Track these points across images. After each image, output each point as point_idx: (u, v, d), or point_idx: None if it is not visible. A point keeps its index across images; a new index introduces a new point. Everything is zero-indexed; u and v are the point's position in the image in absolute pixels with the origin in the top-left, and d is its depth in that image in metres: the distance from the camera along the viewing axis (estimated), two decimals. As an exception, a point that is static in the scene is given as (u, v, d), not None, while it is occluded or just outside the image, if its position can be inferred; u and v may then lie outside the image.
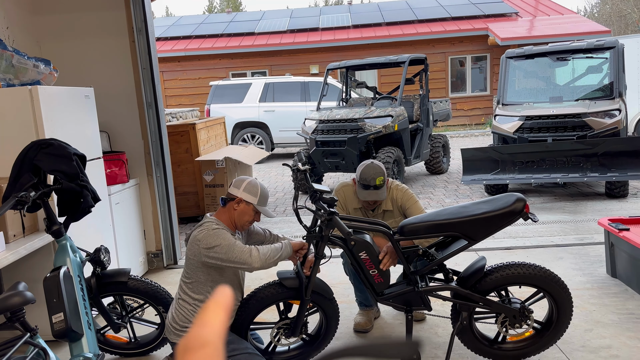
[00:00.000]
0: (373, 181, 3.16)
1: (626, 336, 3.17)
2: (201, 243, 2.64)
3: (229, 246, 2.62)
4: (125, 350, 3.30)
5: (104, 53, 4.68)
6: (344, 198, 3.41)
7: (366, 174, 3.18)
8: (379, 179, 3.17)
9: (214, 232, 2.66)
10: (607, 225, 4.02)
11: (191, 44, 17.35)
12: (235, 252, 2.63)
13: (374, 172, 3.18)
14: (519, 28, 16.29)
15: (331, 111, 8.25)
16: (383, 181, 3.20)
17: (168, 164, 5.00)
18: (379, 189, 3.19)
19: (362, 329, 3.46)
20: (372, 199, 3.20)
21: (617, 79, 7.22)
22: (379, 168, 3.22)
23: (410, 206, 3.34)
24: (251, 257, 2.64)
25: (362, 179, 3.19)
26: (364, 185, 3.19)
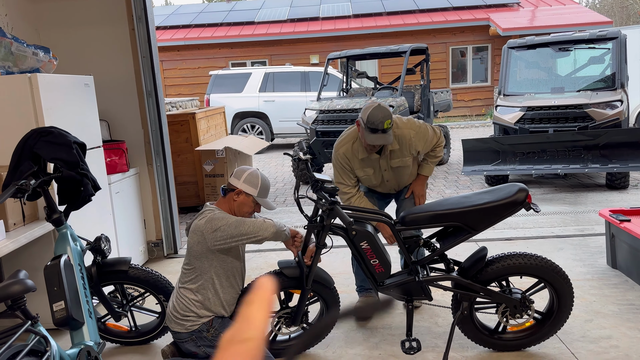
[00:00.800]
0: (381, 125, 3.03)
1: (626, 327, 3.18)
2: (205, 228, 2.63)
3: (237, 221, 2.65)
4: (126, 338, 3.30)
5: (104, 41, 4.64)
6: (347, 159, 3.30)
7: (374, 117, 3.03)
8: (387, 122, 3.04)
9: (215, 215, 2.66)
10: (608, 216, 4.01)
11: (190, 33, 17.25)
12: (247, 224, 2.65)
13: (382, 115, 3.04)
14: (521, 18, 16.20)
15: (332, 101, 8.22)
16: (391, 124, 3.08)
17: (168, 154, 4.98)
18: (386, 132, 3.07)
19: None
20: (379, 143, 3.08)
21: (619, 69, 7.19)
22: (387, 110, 3.08)
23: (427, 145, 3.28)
24: (265, 223, 2.67)
25: (370, 122, 3.05)
26: (371, 129, 3.05)
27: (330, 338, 3.25)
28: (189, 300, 2.72)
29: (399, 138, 3.24)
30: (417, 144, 3.27)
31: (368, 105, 3.11)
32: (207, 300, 2.73)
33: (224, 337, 0.50)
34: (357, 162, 3.31)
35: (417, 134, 3.26)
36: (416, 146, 3.28)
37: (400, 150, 3.27)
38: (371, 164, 3.32)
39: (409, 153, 3.29)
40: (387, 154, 3.28)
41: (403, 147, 3.27)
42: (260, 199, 2.75)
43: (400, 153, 3.28)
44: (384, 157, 3.29)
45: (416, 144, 3.27)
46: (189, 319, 2.71)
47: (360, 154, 3.28)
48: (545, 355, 2.93)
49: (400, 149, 3.27)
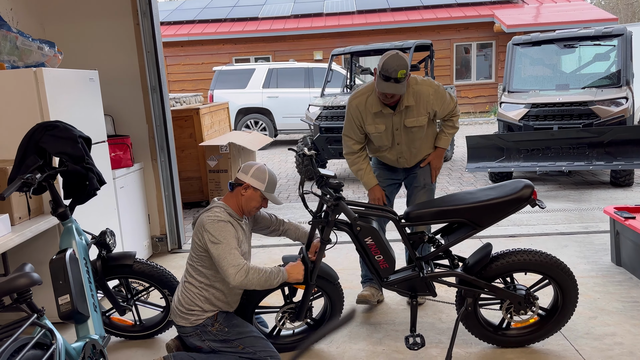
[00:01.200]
0: (395, 73, 2.97)
1: (630, 324, 3.18)
2: (207, 230, 2.62)
3: (227, 251, 2.58)
4: (131, 332, 3.31)
5: (109, 36, 4.64)
6: (359, 111, 3.26)
7: (389, 65, 2.98)
8: (401, 72, 2.98)
9: (222, 226, 2.63)
10: (612, 213, 4.00)
11: (194, 28, 17.24)
12: (226, 260, 2.57)
13: (397, 63, 2.98)
14: (525, 15, 16.13)
15: (335, 97, 8.20)
16: (405, 74, 3.00)
17: (172, 149, 4.98)
18: (399, 82, 3.01)
19: (365, 300, 3.47)
20: (389, 91, 3.03)
21: (625, 66, 7.15)
22: (403, 60, 3.02)
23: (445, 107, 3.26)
24: (235, 275, 2.56)
25: (384, 70, 3.00)
26: (384, 76, 3.01)
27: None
28: (193, 295, 2.73)
29: (416, 95, 3.19)
30: (434, 103, 3.23)
31: (386, 52, 3.08)
32: (212, 295, 2.73)
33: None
34: (370, 116, 3.26)
35: (436, 92, 3.23)
36: (433, 105, 3.23)
37: (417, 107, 3.21)
38: (384, 119, 3.26)
39: (425, 112, 3.23)
40: (402, 110, 3.21)
41: (420, 105, 3.21)
42: (267, 193, 2.75)
43: (416, 111, 3.22)
44: (398, 113, 3.23)
45: (433, 102, 3.22)
46: (194, 313, 2.72)
47: (374, 107, 3.23)
48: (549, 352, 2.93)
49: (416, 106, 3.21)
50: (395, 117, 3.24)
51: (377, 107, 3.22)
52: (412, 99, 3.20)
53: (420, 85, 3.21)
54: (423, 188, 3.48)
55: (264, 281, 2.64)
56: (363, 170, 3.41)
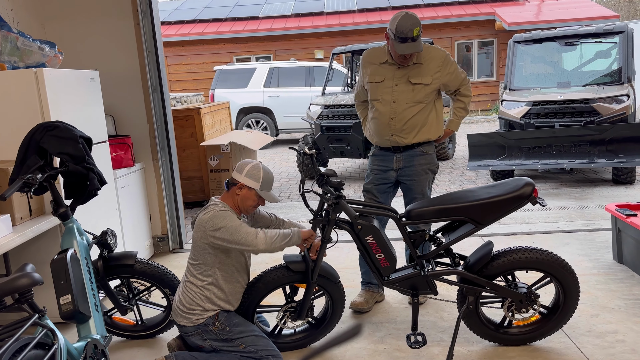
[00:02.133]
0: (410, 32, 3.01)
1: (632, 321, 3.17)
2: (207, 224, 2.64)
3: (235, 227, 2.62)
4: (132, 332, 3.32)
5: (109, 36, 4.64)
6: (366, 60, 3.37)
7: (403, 26, 3.01)
8: (416, 30, 3.02)
9: (219, 213, 2.65)
10: (614, 210, 4.00)
11: (195, 28, 17.25)
12: (241, 234, 2.62)
13: (410, 22, 3.02)
14: (527, 12, 16.10)
15: (336, 96, 8.20)
16: (420, 31, 3.05)
17: (173, 148, 4.98)
18: (416, 41, 3.06)
19: (357, 309, 3.47)
20: (410, 51, 3.07)
21: (626, 64, 7.13)
22: (415, 18, 3.06)
23: (454, 77, 3.30)
24: (257, 238, 2.63)
25: (399, 32, 3.02)
26: (401, 38, 3.03)
27: (336, 332, 3.25)
28: (195, 294, 2.73)
29: (427, 56, 3.24)
30: (444, 68, 3.26)
31: (396, 15, 3.07)
32: (213, 294, 2.73)
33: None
34: (375, 67, 3.31)
35: (446, 58, 3.27)
36: (442, 71, 3.26)
37: (426, 67, 3.24)
38: (386, 71, 3.29)
39: (431, 74, 3.24)
40: (410, 66, 3.24)
41: (429, 65, 3.24)
42: (263, 192, 2.74)
43: (424, 70, 3.24)
44: (404, 68, 3.24)
45: (444, 68, 3.26)
46: (195, 312, 2.72)
47: (381, 58, 3.30)
48: (550, 350, 2.93)
49: (426, 66, 3.24)
50: (399, 71, 3.26)
51: (384, 57, 3.28)
52: (423, 58, 3.24)
53: (431, 49, 3.28)
54: (422, 197, 3.44)
55: (283, 238, 2.69)
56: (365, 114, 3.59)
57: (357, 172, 9.05)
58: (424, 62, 3.24)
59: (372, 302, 3.56)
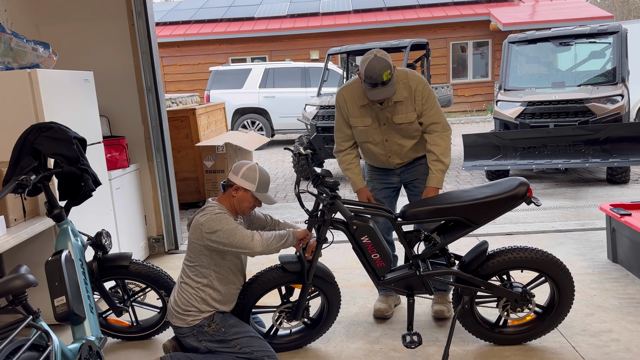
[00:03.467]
0: (380, 77, 2.83)
1: (627, 320, 3.18)
2: (204, 227, 2.63)
3: (231, 230, 2.61)
4: (127, 334, 3.31)
5: (104, 37, 4.63)
6: (345, 101, 3.14)
7: (371, 71, 2.83)
8: (386, 74, 2.84)
9: (216, 216, 2.65)
10: (609, 210, 4.01)
11: (190, 29, 17.22)
12: (237, 237, 2.61)
13: (379, 66, 2.83)
14: (521, 13, 16.16)
15: (332, 97, 8.20)
16: (391, 74, 2.87)
17: (168, 149, 4.97)
18: (387, 85, 2.87)
19: (382, 315, 3.39)
20: (381, 97, 2.89)
21: (620, 64, 7.17)
22: (384, 61, 2.85)
23: (426, 110, 3.04)
24: (253, 241, 2.63)
25: (368, 77, 2.85)
26: (370, 84, 2.87)
27: (332, 332, 3.25)
28: (190, 295, 2.72)
29: (407, 89, 3.04)
30: (420, 99, 3.03)
31: (365, 57, 2.88)
32: (208, 295, 2.73)
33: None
34: (356, 109, 3.12)
35: (424, 87, 3.05)
36: (418, 101, 3.03)
37: (406, 102, 3.04)
38: (370, 113, 3.11)
39: (413, 107, 3.06)
40: (392, 105, 3.05)
41: (409, 99, 3.04)
42: (259, 194, 2.74)
43: (405, 107, 3.05)
44: (387, 108, 3.06)
45: (420, 99, 3.03)
46: (190, 313, 2.71)
47: (361, 100, 3.10)
48: (545, 349, 2.94)
49: (406, 101, 3.04)
50: (382, 112, 3.08)
51: (364, 99, 3.08)
52: (403, 93, 3.04)
53: (409, 79, 3.06)
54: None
55: (279, 239, 2.70)
56: (351, 170, 3.28)
57: (352, 173, 9.04)
58: (406, 93, 3.05)
59: (393, 306, 3.51)
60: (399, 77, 3.05)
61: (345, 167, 3.30)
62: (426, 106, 3.07)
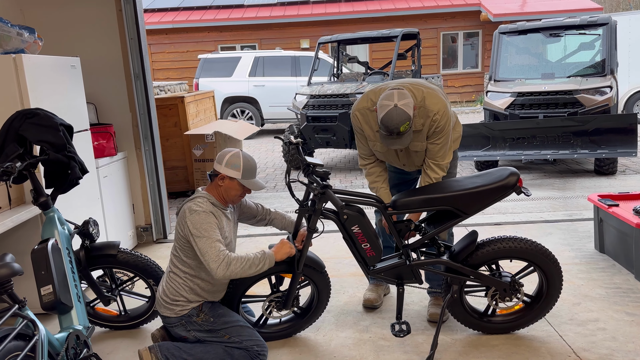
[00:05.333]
0: (397, 129, 2.65)
1: (613, 310, 3.22)
2: (190, 224, 2.58)
3: (209, 245, 2.53)
4: (116, 323, 3.28)
5: (90, 22, 4.54)
6: (360, 122, 2.97)
7: (388, 121, 2.64)
8: (404, 126, 2.64)
9: (204, 218, 2.58)
10: (596, 201, 4.04)
11: (179, 16, 17.00)
12: (209, 254, 2.52)
13: (398, 119, 2.62)
14: (512, 4, 16.16)
15: (322, 86, 8.17)
16: (409, 125, 2.67)
17: (157, 138, 4.92)
18: (402, 135, 2.68)
19: (371, 305, 3.39)
20: (395, 147, 2.73)
21: (609, 56, 7.20)
22: (404, 113, 2.62)
23: (431, 144, 2.89)
24: (218, 268, 2.51)
25: (384, 126, 2.67)
26: (386, 130, 2.68)
27: (321, 321, 3.25)
28: (178, 285, 2.70)
29: (423, 116, 2.84)
30: (435, 127, 2.85)
31: (384, 103, 2.67)
32: (197, 285, 2.71)
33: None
34: (372, 133, 2.97)
35: (442, 119, 2.84)
36: (434, 129, 2.86)
37: (421, 133, 2.89)
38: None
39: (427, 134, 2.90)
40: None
41: (425, 127, 2.87)
42: (245, 180, 2.69)
43: (422, 135, 2.90)
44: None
45: (435, 127, 2.85)
46: (179, 303, 2.69)
47: (375, 126, 2.92)
48: (533, 338, 2.96)
49: (424, 129, 2.87)
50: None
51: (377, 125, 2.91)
52: (420, 122, 2.85)
53: (428, 107, 2.82)
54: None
55: (248, 268, 2.59)
56: (378, 184, 3.12)
57: (343, 163, 9.04)
58: (419, 126, 2.87)
59: (382, 296, 3.52)
60: (416, 96, 2.84)
61: (372, 180, 3.14)
62: (432, 139, 2.91)
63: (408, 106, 2.68)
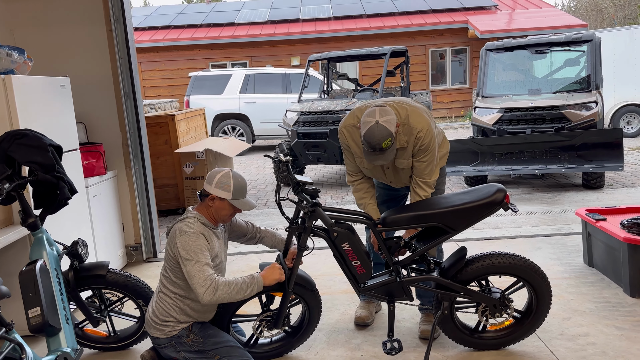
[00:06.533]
0: (379, 145, 2.68)
1: (603, 324, 3.24)
2: (180, 246, 2.57)
3: (197, 268, 2.52)
4: (105, 344, 3.25)
5: (80, 42, 4.56)
6: (346, 138, 3.00)
7: (370, 137, 2.67)
8: (386, 142, 2.67)
9: (193, 240, 2.57)
10: (584, 215, 4.08)
11: (170, 34, 17.10)
12: (196, 277, 2.51)
13: (379, 135, 2.65)
14: (498, 21, 16.43)
15: (313, 103, 8.22)
16: (392, 142, 2.70)
17: (147, 156, 4.92)
18: (385, 151, 2.71)
19: (363, 322, 3.38)
20: (378, 163, 2.77)
21: (594, 71, 7.33)
22: (385, 130, 2.65)
23: (417, 162, 2.90)
24: (204, 294, 2.50)
25: (366, 142, 2.70)
26: (369, 147, 2.71)
27: (313, 340, 3.24)
28: (168, 306, 2.68)
29: (407, 133, 2.86)
30: (419, 145, 2.88)
31: (367, 119, 2.71)
32: (187, 305, 2.69)
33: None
34: (359, 150, 3.00)
35: (426, 137, 2.86)
36: (418, 147, 2.88)
37: (406, 150, 2.92)
38: None
39: (412, 152, 2.93)
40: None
41: (410, 144, 2.89)
42: (236, 201, 2.69)
43: (407, 152, 2.92)
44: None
45: (419, 145, 2.88)
46: (168, 324, 2.67)
47: (361, 143, 2.92)
48: (524, 354, 2.97)
49: (409, 146, 2.90)
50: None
51: None
52: (404, 139, 2.87)
53: (412, 125, 2.85)
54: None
55: (236, 293, 2.57)
56: (365, 200, 3.13)
57: (334, 179, 9.07)
58: (404, 144, 2.89)
59: (374, 313, 3.50)
60: (400, 114, 2.87)
61: (360, 197, 3.14)
62: (418, 157, 2.93)
63: (390, 123, 2.70)
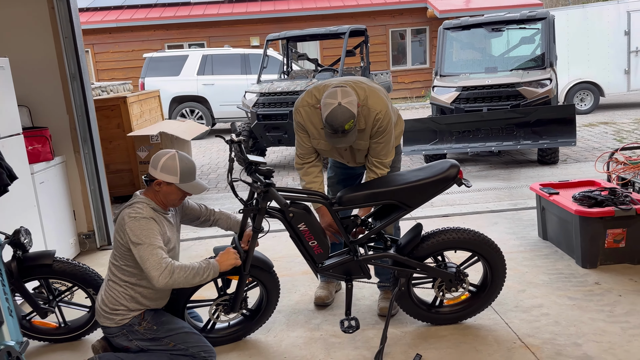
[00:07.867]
0: (342, 127, 2.63)
1: (556, 295, 3.32)
2: (128, 229, 2.47)
3: (149, 252, 2.43)
4: (55, 336, 3.12)
5: (20, 21, 4.31)
6: (303, 119, 2.94)
7: (333, 119, 2.62)
8: (349, 124, 2.63)
9: (144, 224, 2.47)
10: (538, 189, 4.16)
11: (123, 14, 16.48)
12: (150, 262, 2.42)
13: (342, 117, 2.60)
14: (457, 0, 16.53)
15: (272, 84, 8.09)
16: (354, 123, 2.66)
17: (97, 140, 4.72)
18: (347, 133, 2.67)
19: (322, 303, 3.37)
20: (340, 145, 2.74)
21: (549, 49, 7.46)
22: (348, 111, 2.61)
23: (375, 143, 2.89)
24: (159, 277, 2.41)
25: (329, 124, 2.65)
26: (331, 129, 2.66)
27: (272, 322, 3.20)
28: (118, 294, 2.58)
29: (366, 116, 2.84)
30: (377, 127, 2.85)
31: (328, 101, 2.65)
32: (139, 293, 2.60)
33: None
34: (316, 131, 2.94)
35: (384, 119, 2.84)
36: (376, 129, 2.86)
37: (365, 132, 2.89)
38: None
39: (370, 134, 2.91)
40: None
41: (369, 127, 2.87)
42: (184, 184, 2.58)
43: (366, 134, 2.90)
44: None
45: (377, 127, 2.85)
46: (119, 312, 2.58)
47: (319, 124, 2.90)
48: (480, 327, 3.01)
49: (365, 130, 2.88)
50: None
51: (322, 123, 2.86)
52: (363, 121, 2.84)
53: (370, 104, 2.82)
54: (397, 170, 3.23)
55: (192, 277, 2.49)
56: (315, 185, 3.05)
57: (295, 160, 8.99)
58: (362, 125, 2.86)
59: (334, 293, 3.49)
60: (359, 95, 2.83)
61: (310, 180, 3.07)
62: (375, 139, 2.91)
63: (352, 104, 2.66)
